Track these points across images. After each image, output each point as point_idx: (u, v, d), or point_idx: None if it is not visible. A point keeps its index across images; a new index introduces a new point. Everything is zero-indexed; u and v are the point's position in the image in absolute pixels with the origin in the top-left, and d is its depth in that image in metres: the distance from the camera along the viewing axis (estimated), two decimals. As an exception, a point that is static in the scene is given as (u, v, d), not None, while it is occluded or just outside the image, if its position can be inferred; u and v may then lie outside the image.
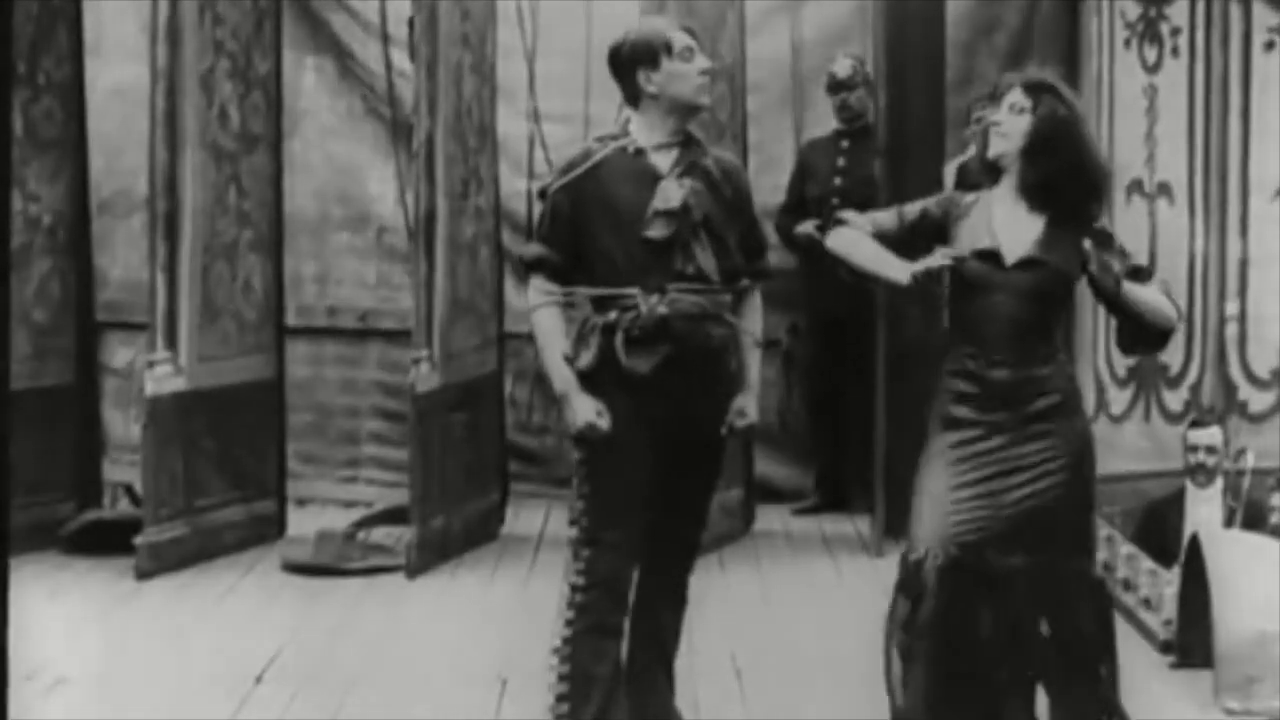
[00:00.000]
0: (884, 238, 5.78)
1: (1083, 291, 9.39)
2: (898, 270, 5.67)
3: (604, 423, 5.70)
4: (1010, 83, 5.77)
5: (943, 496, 5.59)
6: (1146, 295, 5.72)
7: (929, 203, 5.83)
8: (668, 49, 5.77)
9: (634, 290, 5.72)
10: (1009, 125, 5.70)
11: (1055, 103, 5.69)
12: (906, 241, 5.75)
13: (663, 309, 5.70)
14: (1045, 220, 5.68)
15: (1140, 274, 5.76)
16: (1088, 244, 5.60)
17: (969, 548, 5.54)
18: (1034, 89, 5.71)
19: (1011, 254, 5.65)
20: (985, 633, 5.57)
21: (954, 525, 5.55)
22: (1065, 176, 5.66)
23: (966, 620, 5.56)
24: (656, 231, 5.74)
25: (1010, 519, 5.58)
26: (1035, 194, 5.68)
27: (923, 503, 5.64)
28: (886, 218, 5.85)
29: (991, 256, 5.65)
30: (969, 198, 5.81)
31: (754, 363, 5.95)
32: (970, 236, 5.69)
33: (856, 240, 5.82)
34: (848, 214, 5.89)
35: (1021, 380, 5.63)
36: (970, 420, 5.64)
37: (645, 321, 5.70)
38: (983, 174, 5.85)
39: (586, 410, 5.72)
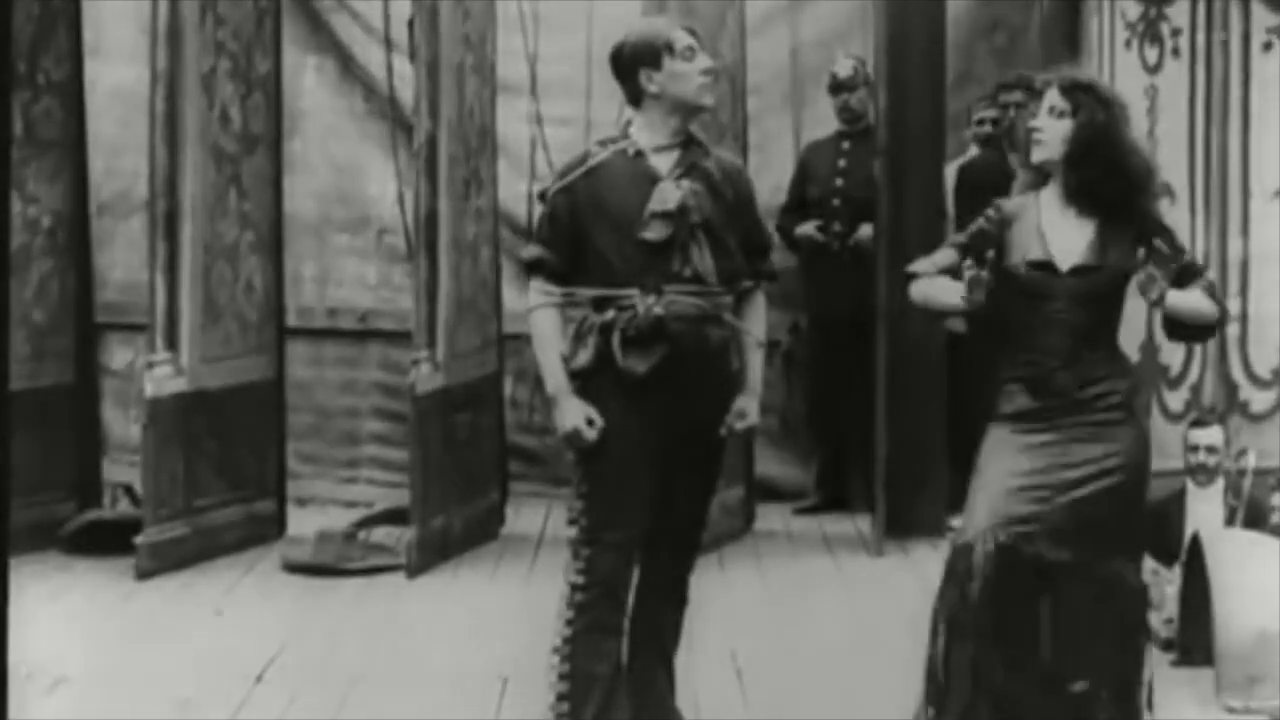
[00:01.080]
0: (950, 273, 5.77)
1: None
2: (952, 295, 5.71)
3: (591, 432, 5.70)
4: (1048, 82, 5.72)
5: (998, 485, 5.61)
6: (1188, 303, 5.72)
7: (981, 223, 5.80)
8: (669, 49, 5.76)
9: (632, 291, 5.71)
10: (1049, 131, 5.67)
11: (1094, 106, 5.64)
12: (981, 258, 5.78)
13: (658, 310, 5.70)
14: (1096, 223, 5.68)
15: (1189, 271, 5.76)
16: (1140, 254, 5.61)
17: (1022, 537, 5.55)
18: (1071, 90, 5.66)
19: (1065, 261, 5.66)
20: (1037, 623, 5.59)
21: (1007, 513, 5.56)
22: (1109, 180, 5.64)
23: (1018, 607, 5.56)
24: (653, 233, 5.73)
25: (1063, 514, 5.59)
26: (1082, 199, 5.67)
27: (978, 491, 5.66)
28: (945, 255, 5.84)
29: (1046, 265, 5.66)
30: (1014, 202, 5.79)
31: (756, 363, 5.93)
32: (1021, 244, 5.70)
33: (926, 286, 5.82)
34: (914, 265, 5.88)
35: (1082, 382, 5.66)
36: (1031, 415, 5.66)
37: (641, 322, 5.70)
38: (1029, 178, 5.84)
39: (575, 415, 5.72)
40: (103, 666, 7.11)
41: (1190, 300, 5.73)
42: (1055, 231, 5.68)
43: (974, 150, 9.88)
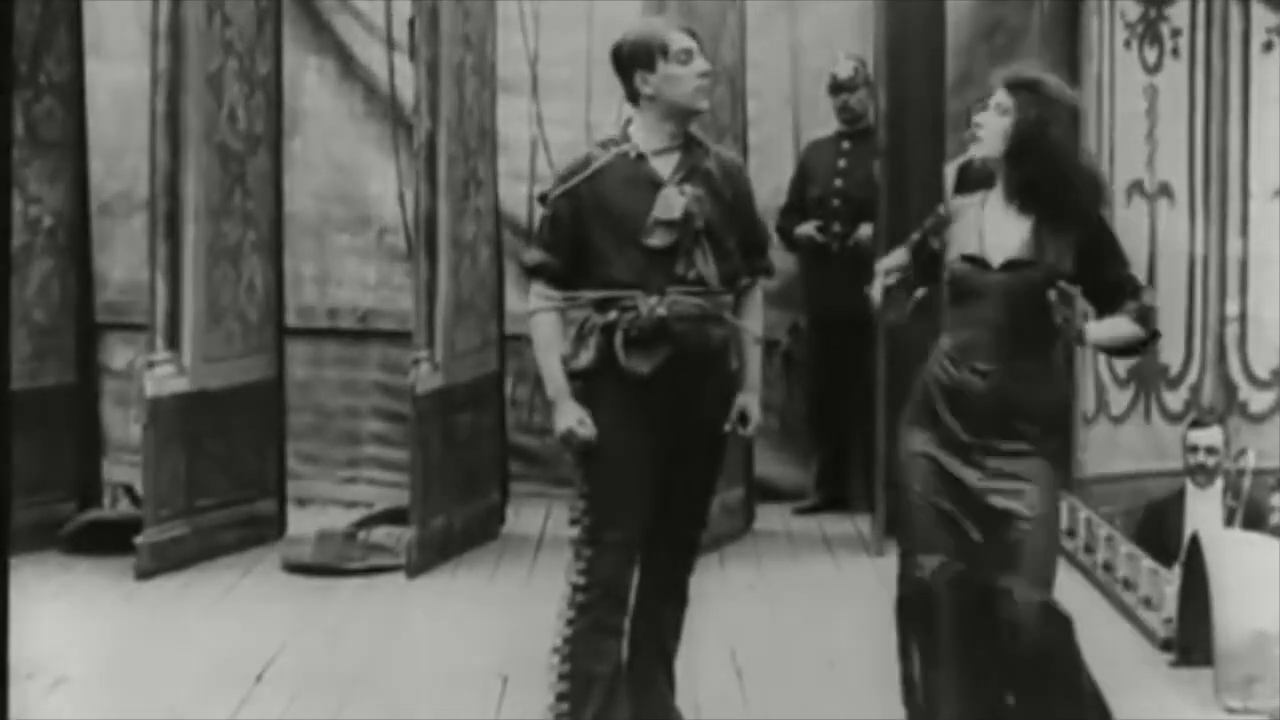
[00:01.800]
0: (903, 270, 5.74)
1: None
2: (876, 292, 5.72)
3: (585, 430, 5.70)
4: (995, 81, 5.65)
5: (923, 504, 5.51)
6: (1110, 333, 5.60)
7: (924, 226, 5.75)
8: (664, 51, 5.74)
9: (634, 293, 5.71)
10: (989, 127, 5.59)
11: (1031, 102, 5.53)
12: (925, 268, 5.73)
13: (661, 311, 5.69)
14: (1033, 221, 5.57)
15: (1124, 289, 5.59)
16: (1052, 295, 5.43)
17: (965, 560, 5.48)
18: (1015, 87, 5.57)
19: (998, 256, 5.56)
20: (988, 643, 5.48)
21: (936, 535, 5.47)
22: (1046, 177, 5.53)
23: (974, 629, 5.47)
24: (657, 240, 5.73)
25: (983, 537, 5.47)
26: (1021, 196, 5.57)
27: (906, 505, 5.57)
28: (897, 256, 5.81)
29: (978, 259, 5.56)
30: (962, 200, 5.73)
31: (755, 361, 5.94)
32: (959, 239, 5.62)
33: (875, 290, 5.80)
34: (877, 264, 5.87)
35: (998, 392, 5.51)
36: (945, 425, 5.54)
37: (644, 323, 5.69)
38: (984, 176, 5.81)
39: (569, 417, 5.72)
40: (103, 666, 7.11)
41: (1111, 331, 5.59)
42: (992, 227, 5.59)
43: (973, 150, 9.87)
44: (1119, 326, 5.60)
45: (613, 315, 5.71)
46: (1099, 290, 5.62)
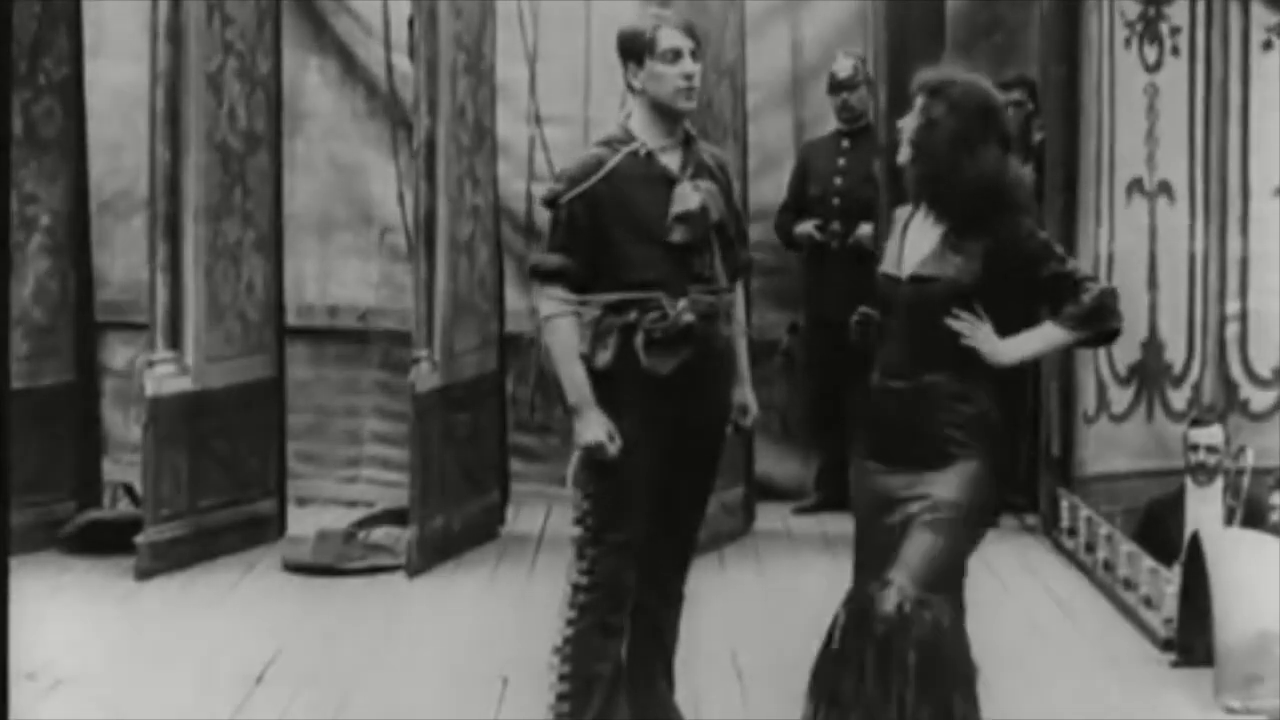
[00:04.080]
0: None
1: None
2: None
3: (613, 447, 5.66)
4: (914, 84, 5.45)
5: (861, 530, 5.40)
6: (1033, 347, 5.37)
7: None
8: (650, 48, 5.71)
9: (655, 294, 5.68)
10: (907, 131, 5.39)
11: (934, 105, 5.32)
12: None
13: (689, 316, 5.66)
14: (942, 232, 5.36)
15: (1063, 289, 5.33)
16: (952, 322, 5.26)
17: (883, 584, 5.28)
18: (925, 91, 5.38)
19: (906, 269, 5.38)
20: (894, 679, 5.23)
21: (885, 559, 5.30)
22: (944, 184, 5.32)
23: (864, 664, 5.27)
24: (678, 236, 5.70)
25: (910, 555, 5.26)
26: (927, 204, 5.38)
27: (859, 544, 5.42)
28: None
29: (890, 274, 5.40)
30: (900, 212, 5.53)
31: (744, 353, 5.94)
32: (886, 254, 5.48)
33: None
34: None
35: (911, 409, 5.33)
36: (871, 446, 5.40)
37: (670, 325, 5.66)
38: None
39: (598, 429, 5.66)
40: (103, 666, 7.11)
41: (1034, 345, 5.37)
42: (911, 239, 5.40)
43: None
44: (1048, 338, 5.37)
45: (632, 316, 5.68)
46: (1036, 296, 5.38)
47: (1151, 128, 9.15)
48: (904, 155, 5.42)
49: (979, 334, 5.30)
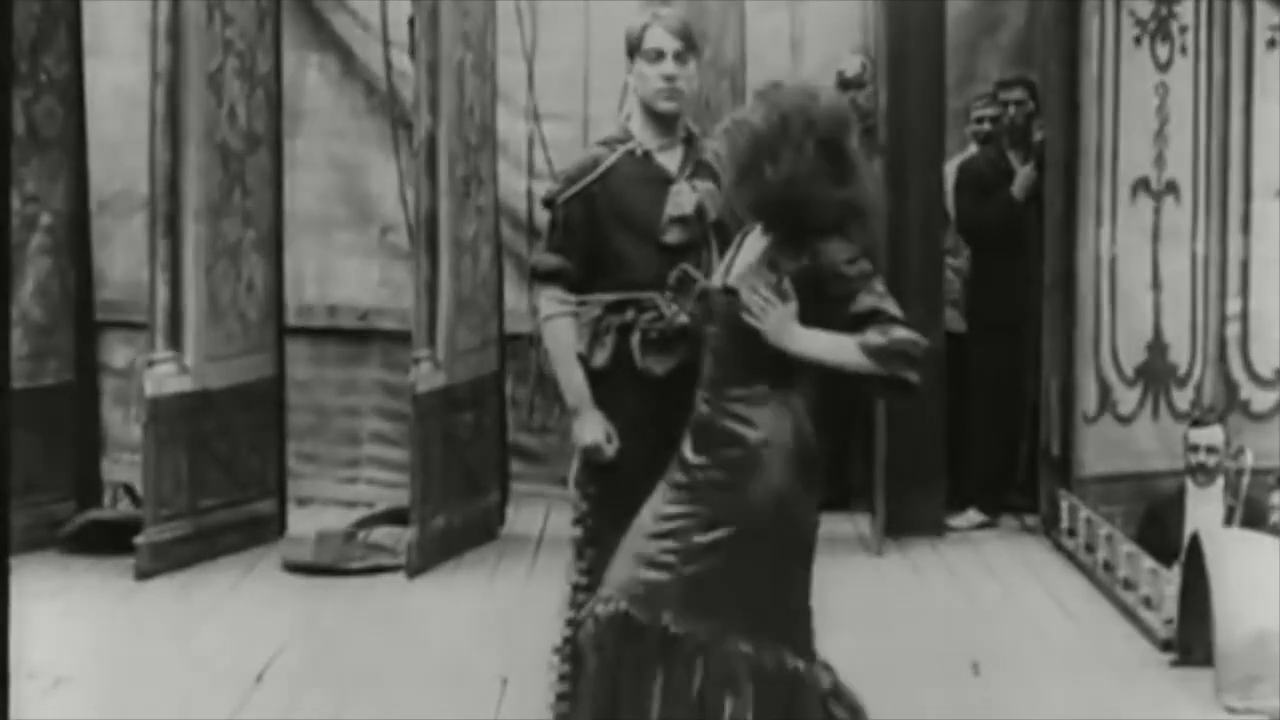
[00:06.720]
0: None
1: (1083, 291, 9.41)
2: None
3: (611, 448, 5.65)
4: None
5: (636, 540, 5.14)
6: (820, 348, 5.06)
7: None
8: (637, 46, 5.68)
9: (650, 294, 5.67)
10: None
11: (753, 107, 5.15)
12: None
13: (684, 317, 5.65)
14: (764, 246, 5.10)
15: (876, 319, 5.01)
16: (745, 298, 5.00)
17: (640, 601, 5.02)
18: (755, 94, 5.24)
19: (726, 281, 5.17)
20: (655, 707, 4.96)
21: (635, 575, 5.06)
22: (742, 188, 5.06)
23: (633, 689, 5.00)
24: (673, 237, 5.68)
25: (690, 579, 5.02)
26: (746, 214, 5.16)
27: (623, 543, 5.18)
28: None
29: (714, 286, 5.22)
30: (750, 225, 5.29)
31: None
32: (721, 264, 5.32)
33: None
34: None
35: (717, 421, 5.11)
36: (679, 460, 5.18)
37: (666, 326, 5.65)
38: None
39: (596, 430, 5.64)
40: (103, 666, 7.11)
41: (827, 347, 5.05)
42: (742, 252, 5.20)
43: (973, 148, 9.87)
44: (839, 348, 5.04)
45: (629, 316, 5.67)
46: (846, 329, 5.04)
47: (1161, 127, 9.14)
48: (708, 155, 5.33)
49: (771, 313, 4.99)
